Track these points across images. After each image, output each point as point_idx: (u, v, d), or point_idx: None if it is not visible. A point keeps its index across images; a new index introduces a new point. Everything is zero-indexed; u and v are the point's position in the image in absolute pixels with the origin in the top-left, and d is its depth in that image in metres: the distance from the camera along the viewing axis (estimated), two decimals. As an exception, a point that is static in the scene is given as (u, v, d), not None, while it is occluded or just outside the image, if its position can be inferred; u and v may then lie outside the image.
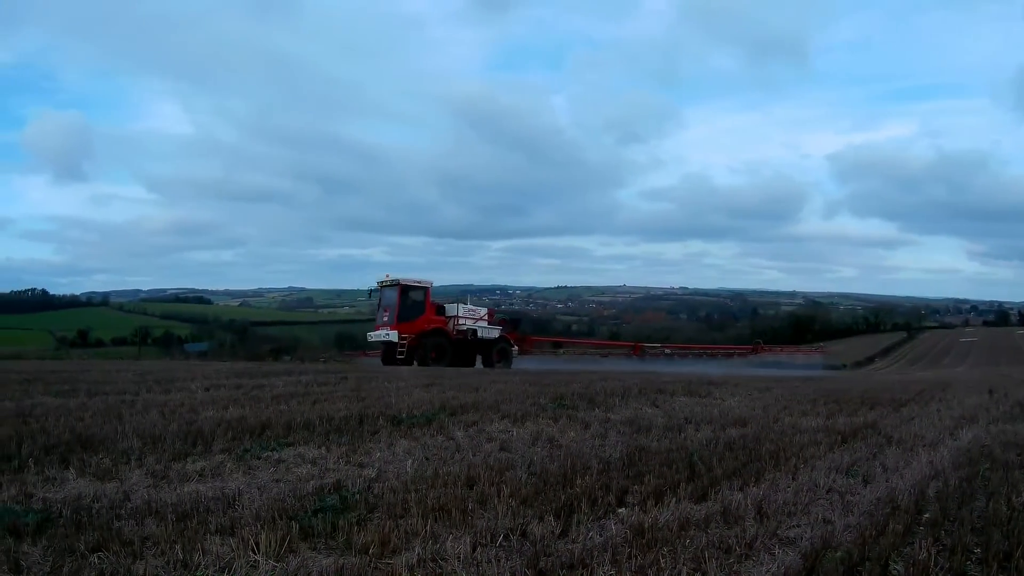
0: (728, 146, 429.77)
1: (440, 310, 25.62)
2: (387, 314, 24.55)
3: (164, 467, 5.18)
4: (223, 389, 11.35)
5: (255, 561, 3.27)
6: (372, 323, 26.49)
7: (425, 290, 25.27)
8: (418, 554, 3.35)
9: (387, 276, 25.20)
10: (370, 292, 26.24)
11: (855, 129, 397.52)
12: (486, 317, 26.40)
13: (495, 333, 26.02)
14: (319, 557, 3.35)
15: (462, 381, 13.11)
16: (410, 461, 5.47)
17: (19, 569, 3.20)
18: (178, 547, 3.38)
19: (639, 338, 43.03)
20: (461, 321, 25.46)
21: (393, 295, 24.51)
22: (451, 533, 3.63)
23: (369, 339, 26.29)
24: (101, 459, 5.34)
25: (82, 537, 3.53)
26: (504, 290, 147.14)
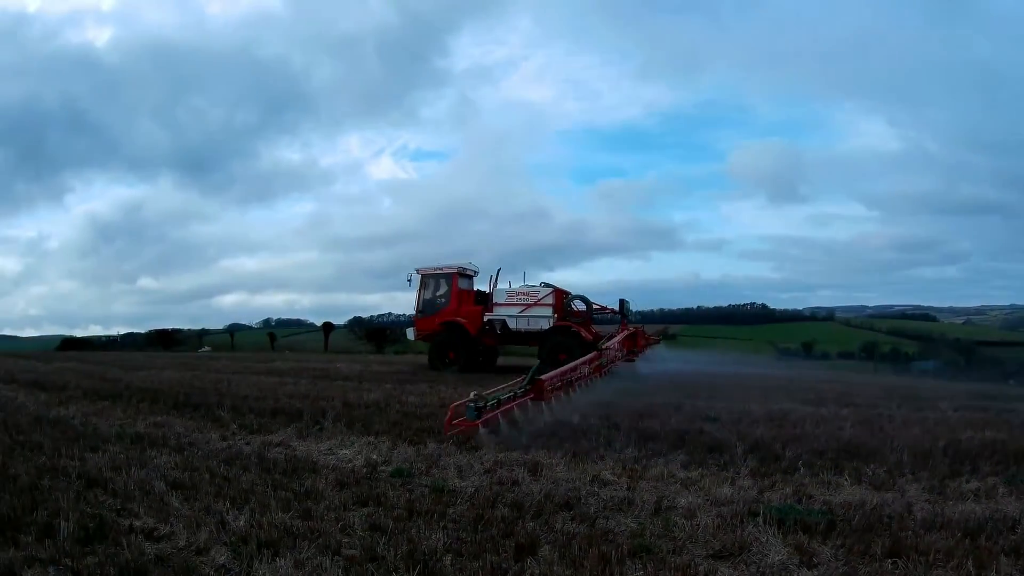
0: None
1: (482, 298, 19.52)
2: None
3: (939, 483, 5.58)
4: (971, 410, 11.19)
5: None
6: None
7: (451, 277, 19.36)
8: None
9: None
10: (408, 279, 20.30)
11: None
12: (547, 300, 18.43)
13: (545, 324, 18.32)
14: None
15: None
16: None
17: (811, 565, 3.53)
18: (969, 562, 3.66)
19: None
20: (496, 310, 18.93)
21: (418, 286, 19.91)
22: None
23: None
24: (874, 469, 5.90)
25: (877, 542, 3.85)
26: None
